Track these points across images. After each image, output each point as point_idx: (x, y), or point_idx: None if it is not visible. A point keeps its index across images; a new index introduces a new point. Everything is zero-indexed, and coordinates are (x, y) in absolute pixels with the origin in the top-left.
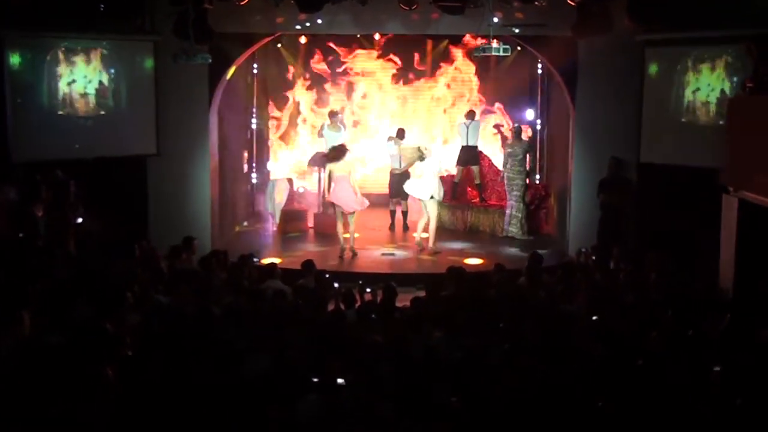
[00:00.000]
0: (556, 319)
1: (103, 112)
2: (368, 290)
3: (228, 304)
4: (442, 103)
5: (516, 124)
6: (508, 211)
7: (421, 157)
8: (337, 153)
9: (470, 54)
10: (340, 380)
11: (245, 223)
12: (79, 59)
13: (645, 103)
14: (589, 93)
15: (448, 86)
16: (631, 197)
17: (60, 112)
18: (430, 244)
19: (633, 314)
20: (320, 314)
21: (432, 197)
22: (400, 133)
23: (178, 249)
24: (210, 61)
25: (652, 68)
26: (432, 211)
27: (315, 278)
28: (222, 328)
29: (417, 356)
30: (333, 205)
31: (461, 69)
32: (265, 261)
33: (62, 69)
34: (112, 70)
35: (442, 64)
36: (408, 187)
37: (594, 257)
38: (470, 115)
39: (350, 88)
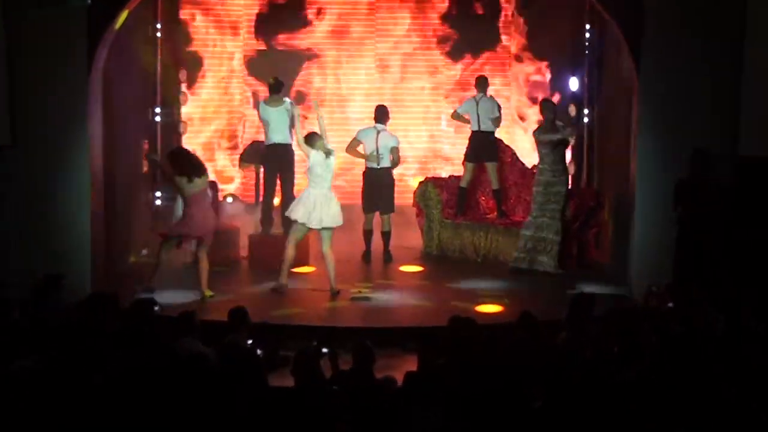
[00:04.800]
0: (613, 393)
1: None
2: (324, 350)
3: (117, 373)
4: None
5: (544, 99)
6: (526, 232)
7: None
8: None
9: None
10: None
11: (144, 252)
12: None
13: (747, 68)
14: (663, 53)
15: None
16: (724, 209)
17: None
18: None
19: (730, 387)
20: (258, 389)
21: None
22: (381, 114)
23: (39, 291)
24: (89, 2)
25: (760, 15)
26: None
27: (250, 334)
28: (108, 407)
29: None
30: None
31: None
32: (176, 310)
33: None
34: None
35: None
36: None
37: (670, 300)
38: (481, 83)
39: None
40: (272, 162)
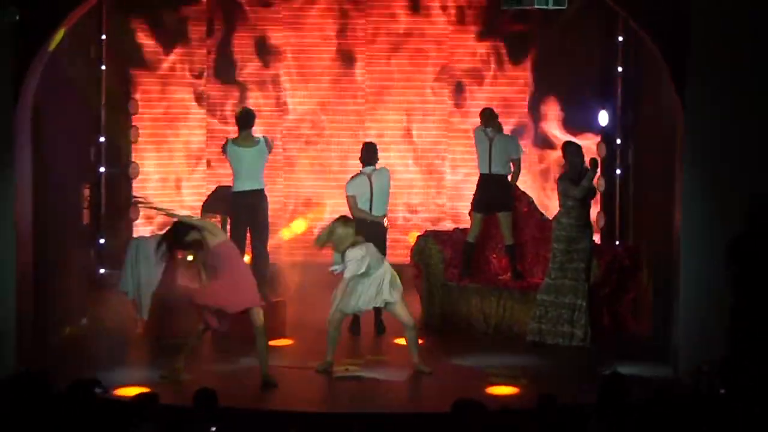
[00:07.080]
0: None
1: None
2: None
3: None
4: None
5: (568, 142)
6: (545, 297)
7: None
8: None
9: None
10: None
11: (84, 321)
12: None
13: None
14: (712, 80)
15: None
16: None
17: None
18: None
19: None
20: None
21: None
22: (369, 153)
23: None
24: (17, 18)
25: None
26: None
27: (215, 421)
28: None
29: None
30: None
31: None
32: (125, 391)
33: None
34: None
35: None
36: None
37: (723, 381)
38: (489, 117)
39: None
40: (241, 212)
